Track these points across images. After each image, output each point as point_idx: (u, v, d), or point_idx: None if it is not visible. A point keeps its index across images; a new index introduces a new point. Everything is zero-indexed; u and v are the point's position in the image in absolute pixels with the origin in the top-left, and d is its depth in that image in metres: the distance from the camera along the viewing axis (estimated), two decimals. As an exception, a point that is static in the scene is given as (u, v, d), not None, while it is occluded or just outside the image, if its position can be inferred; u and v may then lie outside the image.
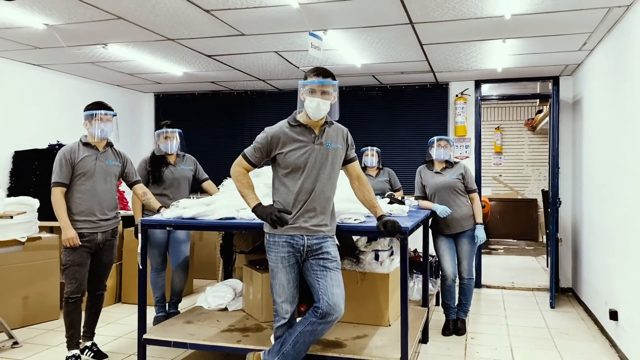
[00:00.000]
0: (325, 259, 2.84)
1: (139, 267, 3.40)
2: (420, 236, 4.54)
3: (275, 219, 2.76)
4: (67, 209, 3.59)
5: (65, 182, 3.59)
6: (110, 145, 3.83)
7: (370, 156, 5.29)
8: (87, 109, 3.69)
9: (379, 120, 6.76)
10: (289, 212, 2.81)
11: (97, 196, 3.68)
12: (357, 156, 3.11)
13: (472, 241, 4.44)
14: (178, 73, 6.11)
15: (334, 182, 2.94)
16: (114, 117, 3.74)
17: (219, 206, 3.38)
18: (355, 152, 3.10)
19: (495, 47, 4.85)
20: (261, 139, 2.88)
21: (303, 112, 2.85)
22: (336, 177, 2.96)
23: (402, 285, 3.08)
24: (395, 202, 4.07)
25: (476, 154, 6.51)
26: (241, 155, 2.93)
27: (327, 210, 2.90)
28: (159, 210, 3.76)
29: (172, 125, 4.45)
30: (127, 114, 7.09)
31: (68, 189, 3.62)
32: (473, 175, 4.67)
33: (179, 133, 4.47)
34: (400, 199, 4.40)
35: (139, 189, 3.94)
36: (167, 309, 4.55)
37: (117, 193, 3.97)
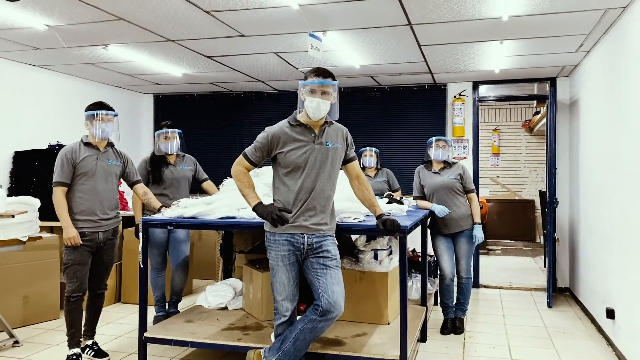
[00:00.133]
0: (325, 257, 2.87)
1: (140, 266, 3.43)
2: (419, 236, 4.58)
3: (276, 218, 2.78)
4: (69, 209, 3.61)
5: (67, 182, 3.61)
6: (111, 145, 3.85)
7: (369, 157, 5.32)
8: (89, 109, 3.71)
9: (378, 121, 6.80)
10: (289, 211, 2.83)
11: (98, 196, 3.70)
12: (356, 156, 3.14)
13: (470, 241, 4.47)
14: (177, 74, 6.14)
15: (334, 181, 2.97)
16: (115, 117, 3.76)
17: (220, 205, 3.41)
18: (354, 152, 3.13)
19: (492, 48, 4.89)
20: (262, 138, 2.91)
21: (303, 112, 2.88)
22: (336, 177, 2.99)
23: (401, 283, 3.11)
24: (393, 202, 4.10)
25: (474, 155, 6.55)
26: (242, 154, 2.96)
27: (327, 209, 2.93)
28: (159, 210, 3.80)
29: (172, 125, 4.48)
30: (127, 115, 7.10)
31: (69, 188, 3.64)
32: (471, 175, 4.71)
33: (179, 133, 4.50)
34: (398, 199, 4.43)
35: (140, 188, 3.97)
36: (167, 308, 4.57)
37: (118, 193, 4.00)
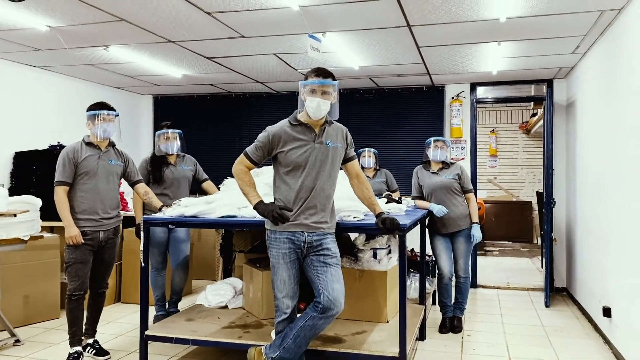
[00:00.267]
0: (326, 255, 2.90)
1: (141, 265, 3.46)
2: (418, 235, 4.61)
3: (277, 216, 2.81)
4: (70, 208, 3.63)
5: (68, 181, 3.64)
6: (112, 145, 3.88)
7: (367, 157, 5.36)
8: (90, 109, 3.74)
9: (376, 122, 6.84)
10: (290, 209, 2.87)
11: (99, 195, 3.73)
12: (356, 155, 3.18)
13: (468, 240, 4.51)
14: (177, 75, 6.17)
15: (334, 180, 3.01)
16: (117, 117, 3.79)
17: (220, 204, 3.45)
18: (354, 152, 3.17)
19: (490, 49, 4.93)
20: (263, 137, 2.94)
21: (304, 112, 2.91)
22: (336, 175, 3.02)
23: (400, 281, 3.14)
24: (392, 202, 4.14)
25: (471, 156, 6.60)
26: (243, 153, 2.99)
27: (327, 207, 2.97)
28: (160, 209, 3.83)
29: (172, 126, 4.51)
30: (126, 116, 7.12)
31: (71, 188, 3.66)
32: (469, 176, 4.75)
33: (179, 134, 4.53)
34: (397, 199, 4.46)
35: (141, 188, 4.00)
36: (167, 308, 4.59)
37: (119, 192, 4.03)
